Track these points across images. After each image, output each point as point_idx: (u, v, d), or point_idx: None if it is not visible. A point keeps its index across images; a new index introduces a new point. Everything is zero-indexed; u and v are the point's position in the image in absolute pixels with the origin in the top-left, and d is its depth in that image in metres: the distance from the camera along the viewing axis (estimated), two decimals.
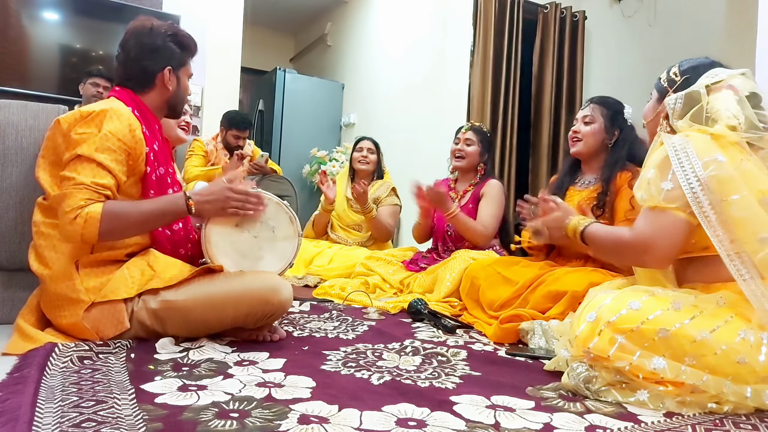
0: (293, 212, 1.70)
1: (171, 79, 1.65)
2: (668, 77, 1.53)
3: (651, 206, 1.34)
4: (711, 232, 1.23)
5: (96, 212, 1.39)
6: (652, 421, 1.11)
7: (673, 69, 1.53)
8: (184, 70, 1.70)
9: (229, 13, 4.55)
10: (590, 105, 2.20)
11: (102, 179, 1.43)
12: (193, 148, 3.57)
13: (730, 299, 1.25)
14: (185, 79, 1.72)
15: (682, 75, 1.49)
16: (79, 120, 1.47)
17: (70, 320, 1.45)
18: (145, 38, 1.61)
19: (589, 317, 1.27)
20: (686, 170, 1.28)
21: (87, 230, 1.39)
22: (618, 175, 2.06)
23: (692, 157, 1.28)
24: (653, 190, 1.33)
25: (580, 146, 2.17)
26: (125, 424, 0.95)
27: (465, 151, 2.79)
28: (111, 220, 1.41)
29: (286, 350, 1.53)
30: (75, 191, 1.40)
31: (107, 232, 1.42)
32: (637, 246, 1.35)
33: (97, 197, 1.42)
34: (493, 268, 2.15)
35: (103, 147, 1.44)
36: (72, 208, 1.39)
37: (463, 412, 1.11)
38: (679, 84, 1.49)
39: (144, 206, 1.51)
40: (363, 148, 3.47)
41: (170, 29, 1.66)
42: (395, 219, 3.39)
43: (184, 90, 1.72)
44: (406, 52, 4.76)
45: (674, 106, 1.41)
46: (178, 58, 1.67)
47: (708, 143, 1.29)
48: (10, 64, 3.79)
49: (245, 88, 6.10)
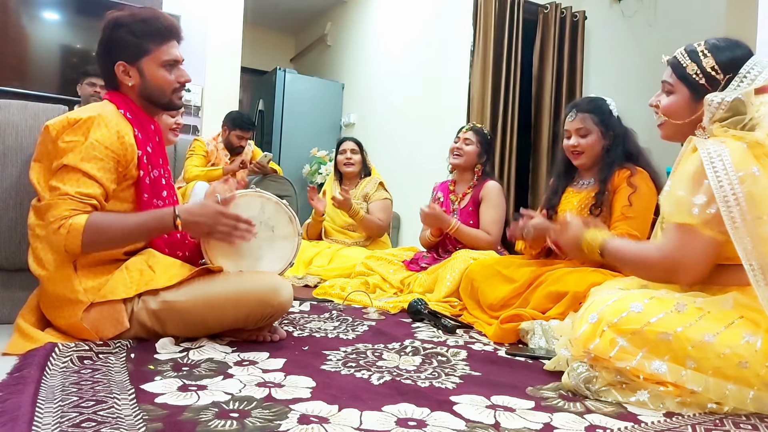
0: (293, 212, 1.70)
1: (131, 72, 1.55)
2: (705, 72, 1.36)
3: (679, 222, 1.27)
4: (740, 247, 1.18)
5: (79, 224, 1.38)
6: (652, 421, 1.11)
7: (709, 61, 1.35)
8: (149, 58, 1.55)
9: (229, 13, 4.55)
10: (578, 115, 2.10)
11: (87, 189, 1.42)
12: (193, 148, 3.58)
13: (739, 302, 1.22)
14: (153, 68, 1.55)
15: (725, 73, 1.34)
16: (67, 127, 1.44)
17: (70, 320, 1.45)
18: (102, 33, 1.55)
19: (591, 318, 1.26)
20: (723, 183, 1.19)
21: (69, 241, 1.38)
22: (615, 173, 2.05)
23: (729, 168, 1.20)
24: (683, 205, 1.25)
25: (584, 159, 2.12)
26: (125, 424, 0.95)
27: (463, 149, 2.81)
28: (94, 233, 1.39)
29: (286, 350, 1.53)
30: (60, 201, 1.39)
31: (90, 244, 1.40)
32: (666, 267, 1.30)
33: (83, 207, 1.40)
34: (493, 268, 2.15)
35: (89, 156, 1.42)
36: (56, 218, 1.38)
37: (463, 412, 1.11)
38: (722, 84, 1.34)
39: (129, 221, 1.48)
40: (346, 150, 3.47)
41: (122, 19, 1.53)
42: (387, 213, 3.39)
43: (155, 80, 1.56)
44: (406, 52, 4.76)
45: (717, 111, 1.29)
46: (134, 49, 1.53)
47: (745, 153, 1.21)
48: (10, 64, 3.80)
49: (245, 88, 6.11)
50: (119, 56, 1.54)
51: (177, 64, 1.61)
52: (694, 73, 1.38)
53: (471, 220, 2.72)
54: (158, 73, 1.57)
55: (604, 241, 1.46)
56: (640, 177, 2.02)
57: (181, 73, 1.61)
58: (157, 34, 1.56)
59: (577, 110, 2.13)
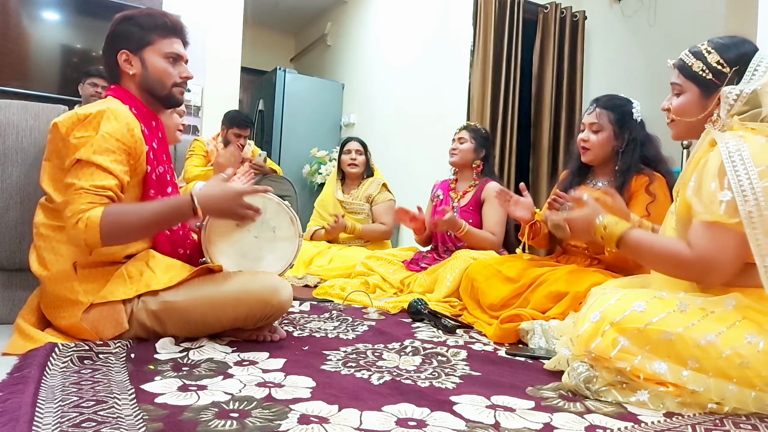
0: (294, 213, 1.70)
1: (133, 61, 1.56)
2: (711, 67, 1.37)
3: (710, 221, 1.23)
4: (754, 245, 1.17)
5: (96, 216, 1.38)
6: (652, 421, 1.11)
7: (713, 57, 1.37)
8: (151, 48, 1.57)
9: (229, 13, 4.55)
10: (596, 110, 2.08)
11: (102, 181, 1.42)
12: (193, 148, 3.57)
13: (741, 303, 1.22)
14: (155, 57, 1.57)
15: (731, 66, 1.35)
16: (77, 123, 1.45)
17: (70, 321, 1.45)
18: (110, 28, 1.58)
19: (593, 317, 1.26)
20: (741, 178, 1.19)
21: (89, 234, 1.38)
22: (633, 178, 2.00)
23: (747, 162, 1.19)
24: (712, 204, 1.22)
25: (590, 156, 2.09)
26: (125, 424, 0.95)
27: (458, 148, 2.86)
28: (112, 224, 1.39)
29: (286, 350, 1.53)
30: (76, 196, 1.40)
31: (109, 236, 1.40)
32: (700, 266, 1.26)
33: (99, 200, 1.40)
34: (493, 268, 2.15)
35: (101, 149, 1.42)
36: (73, 213, 1.39)
37: (463, 412, 1.11)
38: (729, 77, 1.34)
39: (147, 209, 1.47)
40: (351, 150, 3.46)
41: (129, 13, 1.57)
42: (392, 215, 3.39)
43: (156, 70, 1.57)
44: (406, 52, 4.76)
45: (735, 104, 1.28)
46: (137, 39, 1.56)
47: (764, 147, 1.21)
48: (10, 64, 3.80)
49: (245, 88, 6.11)
50: (123, 45, 1.56)
51: (180, 59, 1.62)
52: (700, 70, 1.38)
53: (470, 218, 2.72)
54: (160, 63, 1.58)
55: (625, 231, 1.38)
56: (658, 185, 1.97)
57: (183, 69, 1.63)
58: (162, 27, 1.58)
59: (597, 105, 2.10)
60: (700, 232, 1.26)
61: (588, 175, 2.19)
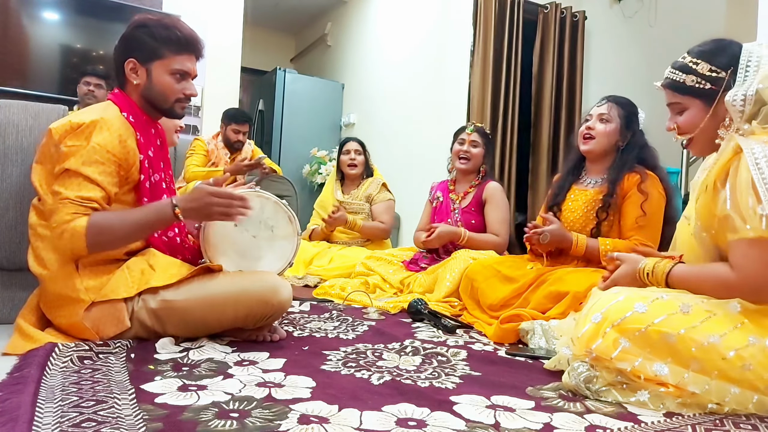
0: (292, 212, 1.70)
1: (139, 71, 1.56)
2: (706, 77, 1.34)
3: (754, 238, 1.17)
4: None
5: (81, 226, 1.39)
6: (652, 421, 1.11)
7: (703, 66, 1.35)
8: (160, 62, 1.55)
9: (229, 13, 4.55)
10: (607, 103, 2.12)
11: (88, 192, 1.42)
12: (194, 147, 3.58)
13: (745, 306, 1.21)
14: (162, 72, 1.56)
15: (725, 69, 1.32)
16: (69, 132, 1.45)
17: (70, 320, 1.45)
18: (125, 30, 1.58)
19: (595, 318, 1.26)
20: None
21: (74, 245, 1.39)
22: (625, 177, 2.03)
23: None
24: (752, 219, 1.17)
25: (593, 144, 2.10)
26: (125, 424, 0.95)
27: (471, 152, 2.76)
28: (96, 233, 1.40)
29: (286, 350, 1.53)
30: (61, 206, 1.40)
31: (95, 245, 1.41)
32: (749, 288, 1.20)
33: (83, 210, 1.41)
34: (493, 268, 2.15)
35: (90, 160, 1.43)
36: (58, 224, 1.40)
37: (463, 412, 1.11)
38: (727, 79, 1.31)
39: (131, 216, 1.48)
40: (350, 150, 3.45)
41: (147, 21, 1.56)
42: (391, 214, 3.39)
43: (160, 85, 1.56)
44: (406, 52, 4.76)
45: (743, 108, 1.25)
46: (148, 50, 1.54)
47: None
48: (10, 64, 3.80)
49: (245, 88, 6.11)
50: (132, 53, 1.56)
51: (187, 76, 1.61)
52: (696, 83, 1.36)
53: (473, 219, 2.72)
54: (165, 79, 1.57)
55: (669, 272, 1.35)
56: (651, 183, 2.00)
57: (188, 86, 1.61)
58: (175, 43, 1.57)
59: (609, 99, 2.15)
60: (743, 251, 1.20)
61: (581, 175, 2.21)
